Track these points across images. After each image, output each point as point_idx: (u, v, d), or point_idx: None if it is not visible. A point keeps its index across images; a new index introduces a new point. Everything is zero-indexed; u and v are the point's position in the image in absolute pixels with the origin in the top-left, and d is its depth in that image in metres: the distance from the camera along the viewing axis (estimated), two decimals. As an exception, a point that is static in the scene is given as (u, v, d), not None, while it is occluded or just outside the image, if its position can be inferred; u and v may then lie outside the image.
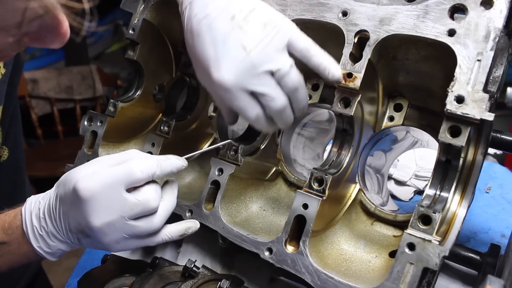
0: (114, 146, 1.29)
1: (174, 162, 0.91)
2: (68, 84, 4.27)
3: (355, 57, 0.89)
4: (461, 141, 0.77)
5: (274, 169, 1.20)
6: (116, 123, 1.23)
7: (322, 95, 1.16)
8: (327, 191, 0.89)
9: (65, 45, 0.67)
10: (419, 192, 1.49)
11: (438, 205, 0.82)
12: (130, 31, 1.19)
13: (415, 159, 1.55)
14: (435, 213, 0.77)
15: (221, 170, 1.03)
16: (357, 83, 0.87)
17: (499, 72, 0.83)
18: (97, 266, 1.14)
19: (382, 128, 1.09)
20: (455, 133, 0.78)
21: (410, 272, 0.76)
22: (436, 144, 0.86)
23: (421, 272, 0.75)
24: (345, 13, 0.91)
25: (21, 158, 1.46)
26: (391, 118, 1.08)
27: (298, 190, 0.91)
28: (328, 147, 1.29)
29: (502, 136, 0.90)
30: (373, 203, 1.09)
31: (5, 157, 1.33)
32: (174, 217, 0.97)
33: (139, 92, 1.29)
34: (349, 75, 0.88)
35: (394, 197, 1.47)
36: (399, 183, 1.52)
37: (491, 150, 1.33)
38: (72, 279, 1.34)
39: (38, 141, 4.13)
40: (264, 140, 1.12)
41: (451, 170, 0.85)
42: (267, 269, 0.97)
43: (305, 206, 0.89)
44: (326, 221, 1.01)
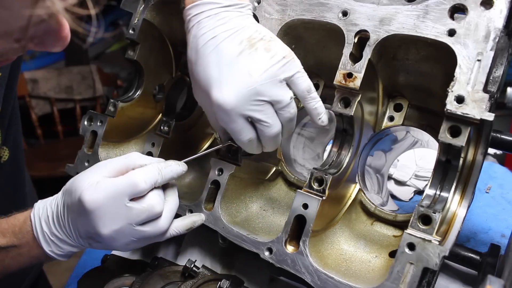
0: (114, 146, 1.29)
1: (175, 168, 0.93)
2: (68, 84, 4.26)
3: (355, 57, 0.89)
4: (461, 141, 0.77)
5: (274, 169, 1.20)
6: (116, 123, 1.24)
7: (322, 95, 1.16)
8: (327, 191, 0.89)
9: (65, 45, 0.67)
10: (419, 192, 1.49)
11: (438, 205, 0.82)
12: (130, 31, 1.19)
13: (415, 159, 1.55)
14: (435, 213, 0.77)
15: (221, 170, 1.03)
16: (357, 83, 0.88)
17: (499, 72, 0.83)
18: (97, 266, 1.15)
19: (382, 128, 1.09)
20: (455, 133, 0.78)
21: (410, 272, 0.76)
22: (436, 144, 0.86)
23: (421, 272, 0.75)
24: (345, 13, 0.91)
25: (21, 158, 1.46)
26: (391, 118, 1.08)
27: (298, 190, 0.91)
28: (328, 147, 1.29)
29: (502, 136, 0.90)
30: (373, 203, 1.09)
31: (6, 158, 1.33)
32: (174, 217, 0.97)
33: (139, 92, 1.29)
34: (349, 75, 0.88)
35: (394, 197, 1.47)
36: (399, 183, 1.52)
37: (491, 150, 1.33)
38: (72, 279, 1.34)
39: (38, 141, 4.12)
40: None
41: (451, 170, 0.85)
42: (267, 269, 0.97)
43: (305, 206, 0.89)
44: (326, 221, 1.01)
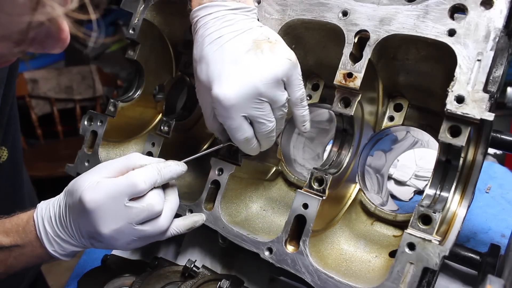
0: (114, 146, 1.29)
1: (174, 169, 0.93)
2: (68, 84, 4.26)
3: (355, 57, 0.89)
4: (461, 141, 0.77)
5: (274, 169, 1.20)
6: (116, 123, 1.24)
7: (322, 95, 1.16)
8: (327, 191, 0.89)
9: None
10: (419, 192, 1.49)
11: (438, 205, 0.82)
12: (130, 31, 1.19)
13: (415, 159, 1.55)
14: (435, 213, 0.77)
15: (221, 170, 1.03)
16: (357, 83, 0.88)
17: (499, 72, 0.83)
18: (97, 266, 1.15)
19: (382, 128, 1.09)
20: (455, 133, 0.78)
21: (410, 272, 0.76)
22: (436, 144, 0.86)
23: (421, 272, 0.75)
24: (345, 13, 0.91)
25: (20, 159, 1.45)
26: (391, 118, 1.08)
27: (298, 190, 0.91)
28: (328, 147, 1.29)
29: (502, 136, 0.90)
30: (373, 203, 1.09)
31: (5, 158, 1.33)
32: (175, 217, 0.97)
33: (139, 92, 1.29)
34: (349, 75, 0.88)
35: (394, 197, 1.46)
36: (399, 183, 1.52)
37: (491, 150, 1.33)
38: (72, 279, 1.33)
39: (38, 141, 4.12)
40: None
41: (451, 170, 0.85)
42: (267, 269, 0.97)
43: (305, 206, 0.89)
44: (326, 221, 1.01)
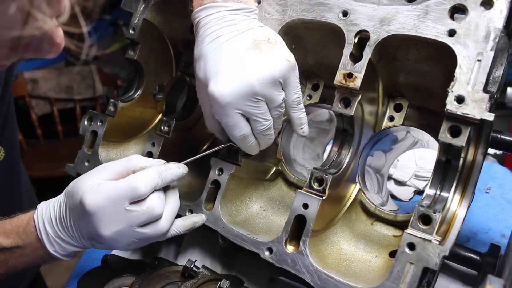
0: (114, 146, 1.29)
1: (175, 171, 0.93)
2: (68, 84, 4.26)
3: (355, 57, 0.89)
4: (461, 141, 0.77)
5: (274, 169, 1.20)
6: (116, 123, 1.24)
7: (322, 95, 1.16)
8: (327, 191, 0.89)
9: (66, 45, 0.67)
10: (419, 192, 1.49)
11: (438, 205, 0.82)
12: (131, 31, 1.19)
13: (415, 159, 1.55)
14: (435, 213, 0.77)
15: (221, 170, 1.03)
16: (357, 83, 0.88)
17: (499, 72, 0.83)
18: (97, 266, 1.15)
19: (382, 128, 1.09)
20: (455, 133, 0.78)
21: (410, 272, 0.76)
22: (436, 144, 0.86)
23: (421, 272, 0.75)
24: (346, 13, 0.91)
25: (17, 159, 1.45)
26: (391, 118, 1.08)
27: (298, 190, 0.91)
28: (328, 147, 1.29)
29: (502, 136, 0.90)
30: (373, 203, 1.09)
31: (1, 158, 1.32)
32: (175, 217, 0.97)
33: (139, 92, 1.29)
34: (349, 75, 0.88)
35: (394, 197, 1.46)
36: (399, 183, 1.52)
37: (491, 150, 1.33)
38: (72, 279, 1.33)
39: (38, 141, 4.11)
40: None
41: (451, 170, 0.85)
42: (267, 269, 0.97)
43: (305, 206, 0.89)
44: (326, 221, 1.01)
